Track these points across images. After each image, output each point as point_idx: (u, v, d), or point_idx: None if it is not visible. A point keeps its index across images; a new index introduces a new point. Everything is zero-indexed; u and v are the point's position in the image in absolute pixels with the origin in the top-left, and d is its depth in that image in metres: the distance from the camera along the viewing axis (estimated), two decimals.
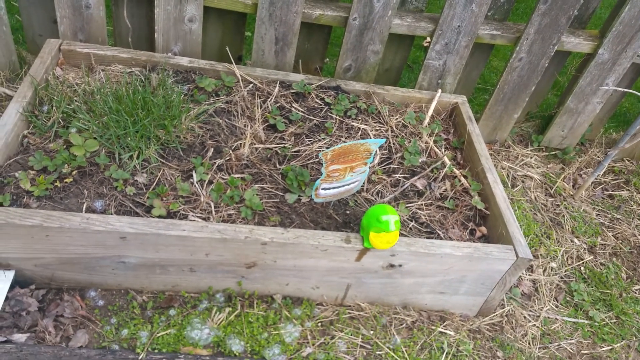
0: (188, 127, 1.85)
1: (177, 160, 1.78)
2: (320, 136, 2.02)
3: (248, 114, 2.00)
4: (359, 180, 1.76)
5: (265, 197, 1.76)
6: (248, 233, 1.56)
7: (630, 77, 2.61)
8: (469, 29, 2.23)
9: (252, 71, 2.14)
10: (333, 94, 2.20)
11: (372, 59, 2.30)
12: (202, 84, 2.02)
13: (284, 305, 1.78)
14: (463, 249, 1.70)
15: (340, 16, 2.17)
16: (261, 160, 1.87)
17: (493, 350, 1.89)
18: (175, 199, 1.66)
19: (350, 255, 1.65)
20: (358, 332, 1.80)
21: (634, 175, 2.79)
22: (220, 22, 2.23)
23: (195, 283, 1.70)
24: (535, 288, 2.14)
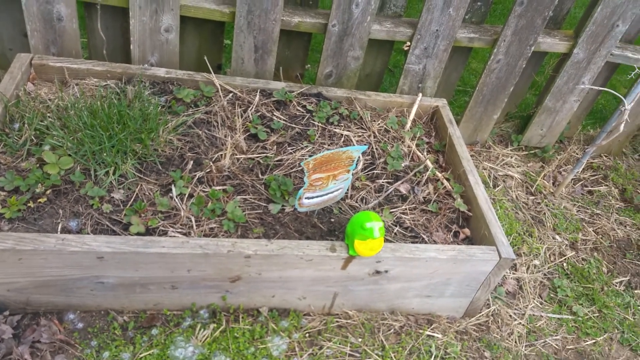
0: (166, 139, 1.73)
1: (156, 175, 1.66)
2: (302, 144, 1.91)
3: (228, 124, 1.89)
4: (343, 187, 1.65)
5: (248, 208, 1.64)
6: (231, 247, 1.45)
7: (605, 75, 2.53)
8: (447, 33, 2.13)
9: (231, 80, 2.02)
10: (315, 101, 2.09)
11: (352, 64, 2.20)
12: (180, 94, 1.90)
13: (271, 318, 1.67)
14: (447, 252, 1.62)
15: (320, 23, 2.07)
16: (243, 170, 1.75)
17: (480, 350, 1.81)
18: (154, 215, 1.53)
19: (335, 264, 1.55)
20: (346, 340, 1.70)
21: (611, 170, 2.73)
22: (198, 32, 2.11)
23: (178, 300, 1.58)
24: (520, 286, 2.06)
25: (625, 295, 2.13)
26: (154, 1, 1.88)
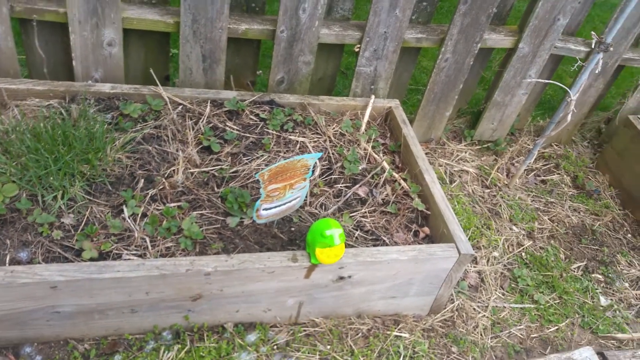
0: (115, 158, 1.69)
1: (106, 196, 1.62)
2: (258, 153, 1.91)
3: (179, 138, 1.86)
4: (300, 196, 1.66)
5: (205, 223, 1.63)
6: (189, 265, 1.43)
7: (551, 67, 2.64)
8: (395, 34, 2.17)
9: (180, 92, 2.00)
10: (267, 108, 2.09)
11: (304, 70, 2.21)
12: (127, 110, 1.86)
13: (236, 333, 1.66)
14: (408, 253, 1.65)
15: (268, 29, 2.07)
16: (198, 185, 1.74)
17: (447, 346, 1.86)
18: (107, 238, 1.50)
19: (298, 273, 1.56)
20: (315, 348, 1.71)
21: (562, 159, 2.84)
22: (143, 43, 2.07)
23: (139, 324, 1.55)
24: (481, 279, 2.13)
25: (584, 280, 2.23)
26: (94, 15, 1.84)
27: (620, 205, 2.65)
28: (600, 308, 2.14)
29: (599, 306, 2.15)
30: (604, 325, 2.07)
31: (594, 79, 2.62)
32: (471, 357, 1.84)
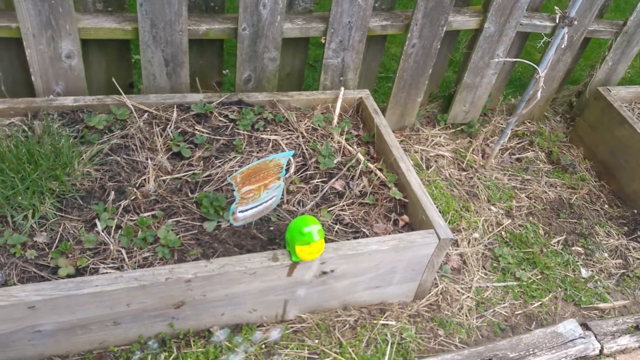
0: (83, 172, 1.70)
1: (78, 211, 1.63)
2: (230, 155, 1.92)
3: (148, 146, 1.87)
4: (276, 195, 1.69)
5: (181, 230, 1.64)
6: (168, 274, 1.45)
7: (518, 44, 2.69)
8: (360, 24, 2.20)
9: (145, 99, 2.00)
10: (236, 109, 2.10)
11: (270, 66, 2.23)
12: (92, 122, 1.86)
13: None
14: (388, 242, 1.69)
15: (229, 28, 2.08)
16: (171, 192, 1.75)
17: (434, 330, 1.91)
18: (82, 253, 1.51)
19: (280, 272, 1.59)
20: (303, 344, 1.74)
21: (536, 135, 2.91)
22: (103, 52, 2.06)
23: (123, 335, 1.57)
24: (463, 261, 2.18)
25: (564, 254, 2.29)
26: (48, 27, 1.83)
27: (595, 177, 2.73)
28: (582, 280, 2.22)
29: (581, 278, 2.22)
30: (586, 297, 2.14)
31: (561, 54, 2.68)
32: (458, 338, 1.89)
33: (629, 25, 2.69)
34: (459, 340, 1.89)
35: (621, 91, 2.82)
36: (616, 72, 2.90)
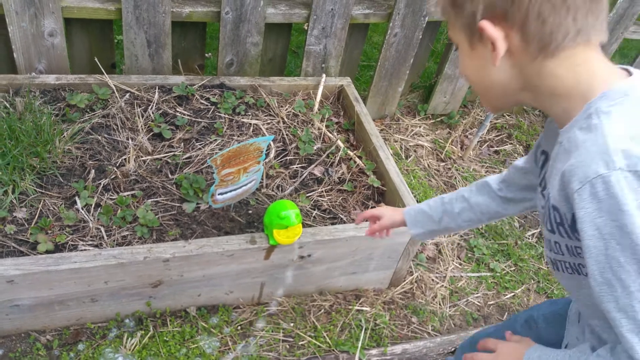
0: (64, 150, 1.75)
1: (58, 188, 1.68)
2: (211, 138, 1.99)
3: (129, 126, 1.93)
4: (255, 179, 1.76)
5: (161, 211, 1.71)
6: (147, 253, 1.52)
7: None
8: (342, 11, 2.27)
9: (127, 79, 2.05)
10: (218, 92, 2.16)
11: (252, 51, 2.29)
12: (74, 100, 1.91)
13: (200, 317, 1.76)
14: (366, 229, 1.76)
15: (212, 11, 2.13)
16: (151, 172, 1.81)
17: (408, 317, 2.00)
18: (62, 230, 1.57)
19: (258, 255, 1.66)
20: (278, 327, 1.82)
21: (514, 129, 3.02)
22: (86, 32, 2.11)
23: (101, 312, 1.63)
24: (439, 250, 2.28)
25: (538, 247, 2.41)
26: (31, 5, 1.87)
27: None
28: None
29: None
30: (558, 290, 2.26)
31: None
32: (431, 326, 1.99)
33: (608, 22, 2.81)
34: (432, 328, 1.99)
35: None
36: None
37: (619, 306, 0.73)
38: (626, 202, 0.69)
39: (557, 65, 0.79)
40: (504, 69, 0.82)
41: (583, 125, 0.77)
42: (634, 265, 0.70)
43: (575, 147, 0.76)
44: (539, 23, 0.75)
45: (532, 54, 0.79)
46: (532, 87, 0.83)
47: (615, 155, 0.70)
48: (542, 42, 0.77)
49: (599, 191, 0.71)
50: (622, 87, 0.76)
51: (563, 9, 0.74)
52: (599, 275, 0.74)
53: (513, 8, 0.76)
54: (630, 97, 0.75)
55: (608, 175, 0.70)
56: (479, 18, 0.79)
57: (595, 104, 0.76)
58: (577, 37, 0.76)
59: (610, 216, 0.70)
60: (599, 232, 0.72)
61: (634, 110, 0.74)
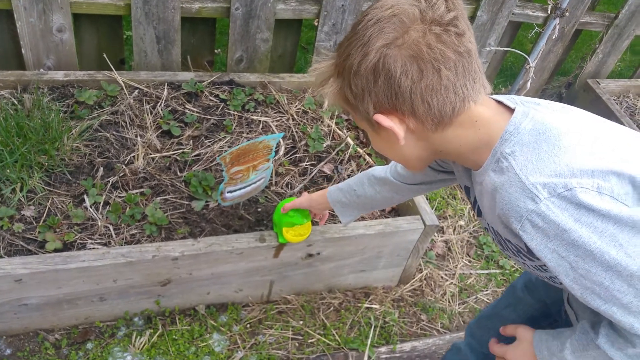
0: (72, 147, 1.70)
1: (66, 186, 1.63)
2: (220, 135, 1.93)
3: (138, 123, 1.87)
4: (265, 177, 1.70)
5: (169, 209, 1.66)
6: (155, 251, 1.47)
7: (510, 34, 2.71)
8: (353, 7, 2.20)
9: (135, 76, 2.00)
10: (227, 89, 2.10)
11: (262, 47, 2.23)
12: (82, 97, 1.86)
13: (209, 315, 1.71)
14: (375, 227, 1.72)
15: (222, 7, 2.07)
16: (160, 170, 1.76)
17: (417, 314, 1.95)
18: (70, 228, 1.52)
19: (267, 253, 1.61)
20: (287, 325, 1.78)
21: None
22: (95, 27, 2.05)
23: (109, 311, 1.59)
24: (448, 247, 2.22)
25: None
26: (39, 0, 1.81)
27: None
28: None
29: None
30: None
31: (552, 45, 2.71)
32: (440, 323, 1.94)
33: (620, 19, 2.72)
34: (441, 325, 1.94)
35: (610, 84, 2.86)
36: (606, 64, 2.94)
37: (604, 300, 0.79)
38: (564, 222, 0.75)
39: (456, 129, 0.85)
40: (411, 144, 0.89)
41: (495, 169, 0.83)
42: (598, 267, 0.76)
43: (495, 189, 0.83)
44: (426, 107, 0.81)
45: (430, 129, 0.85)
46: (442, 151, 0.91)
47: (534, 189, 0.77)
48: (435, 119, 0.83)
49: (537, 223, 0.77)
50: (512, 127, 0.83)
51: (442, 89, 0.80)
52: (576, 285, 0.80)
53: (398, 101, 0.82)
54: (521, 132, 0.82)
55: (538, 207, 0.77)
56: (372, 114, 0.85)
57: (500, 149, 0.83)
58: (464, 104, 0.82)
59: (558, 238, 0.77)
60: (557, 254, 0.78)
61: (528, 142, 0.81)
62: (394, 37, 0.79)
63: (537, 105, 0.86)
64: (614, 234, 0.75)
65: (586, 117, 0.89)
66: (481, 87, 0.84)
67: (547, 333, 0.99)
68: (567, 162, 0.77)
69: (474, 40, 0.83)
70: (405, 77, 0.79)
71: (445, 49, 0.78)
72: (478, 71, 0.83)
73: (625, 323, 0.79)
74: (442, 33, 0.78)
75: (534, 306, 1.30)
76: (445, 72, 0.79)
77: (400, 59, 0.79)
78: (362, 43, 0.81)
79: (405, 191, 1.29)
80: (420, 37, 0.78)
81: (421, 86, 0.80)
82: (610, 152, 0.80)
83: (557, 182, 0.76)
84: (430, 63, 0.78)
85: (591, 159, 0.77)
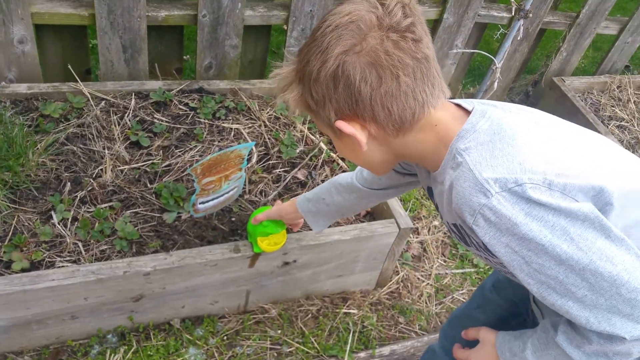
0: (38, 162, 1.64)
1: (33, 202, 1.57)
2: (190, 144, 1.89)
3: (105, 135, 1.82)
4: (238, 186, 1.67)
5: (140, 222, 1.61)
6: (126, 267, 1.43)
7: (477, 35, 2.73)
8: (322, 13, 2.19)
9: (102, 86, 1.94)
10: (197, 97, 2.06)
11: (232, 54, 2.19)
12: (47, 110, 1.79)
13: (184, 329, 1.67)
14: (350, 232, 1.71)
15: (189, 14, 2.03)
16: (129, 182, 1.71)
17: (395, 317, 1.95)
18: (38, 247, 1.47)
19: (242, 263, 1.58)
20: (265, 335, 1.75)
21: None
22: (58, 38, 1.99)
23: (81, 329, 1.54)
24: (424, 248, 2.22)
25: None
26: None
27: None
28: None
29: None
30: None
31: (518, 44, 2.74)
32: (418, 325, 1.94)
33: (582, 17, 2.77)
34: (419, 327, 1.94)
35: (575, 81, 2.91)
36: (570, 62, 2.99)
37: (560, 295, 0.79)
38: (515, 216, 0.76)
39: (417, 134, 0.86)
40: (373, 149, 0.89)
41: (452, 165, 0.84)
42: (551, 261, 0.77)
43: (451, 185, 0.84)
44: (386, 113, 0.82)
45: (392, 134, 0.85)
46: (405, 155, 0.92)
47: (486, 184, 0.78)
48: (395, 125, 0.84)
49: (489, 217, 0.78)
50: (469, 125, 0.83)
51: (401, 95, 0.80)
52: (532, 280, 0.80)
53: (359, 108, 0.82)
54: (477, 131, 0.82)
55: (489, 202, 0.77)
56: (333, 120, 0.85)
57: (455, 145, 0.84)
58: (423, 109, 0.83)
59: (509, 232, 0.77)
60: (510, 248, 0.79)
61: (484, 141, 0.81)
62: (352, 44, 0.78)
63: (494, 107, 0.87)
64: (565, 227, 0.75)
65: (542, 118, 0.90)
66: (440, 91, 0.85)
67: (510, 334, 1.00)
68: (520, 160, 0.78)
69: (431, 45, 0.83)
70: (365, 83, 0.79)
71: (403, 55, 0.79)
72: (437, 76, 0.84)
73: (581, 318, 0.79)
74: (399, 39, 0.78)
75: (502, 306, 1.31)
76: (403, 78, 0.79)
77: (359, 65, 0.79)
78: (320, 50, 0.80)
79: (373, 197, 1.29)
80: (378, 43, 0.78)
81: (381, 92, 0.80)
82: (561, 152, 0.82)
83: (509, 178, 0.77)
84: (389, 69, 0.79)
85: (544, 158, 0.79)
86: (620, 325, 0.78)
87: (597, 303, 0.78)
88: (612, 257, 0.76)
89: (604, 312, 0.78)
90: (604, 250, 0.76)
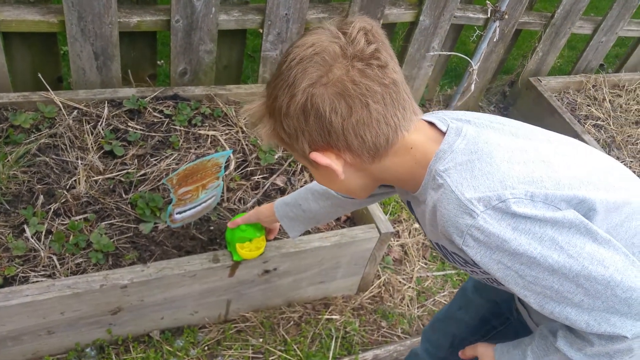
0: (9, 175, 1.62)
1: (4, 216, 1.56)
2: (166, 152, 1.89)
3: (78, 145, 1.81)
4: (215, 194, 1.68)
5: (116, 233, 1.61)
6: (103, 280, 1.42)
7: (453, 36, 2.78)
8: (297, 16, 2.21)
9: (74, 95, 1.93)
10: (172, 103, 2.06)
11: (206, 59, 2.20)
12: (18, 120, 1.78)
13: (164, 340, 1.67)
14: (331, 239, 1.73)
15: (162, 20, 2.03)
16: (103, 193, 1.71)
17: (377, 322, 1.97)
18: (11, 262, 1.46)
19: (221, 273, 1.59)
20: (247, 344, 1.76)
21: None
22: (27, 46, 1.97)
23: (59, 344, 1.53)
24: (405, 251, 2.26)
25: None
26: None
27: None
28: None
29: None
30: None
31: (494, 46, 2.79)
32: (400, 329, 1.97)
33: (557, 18, 2.84)
34: (401, 330, 1.97)
35: (551, 81, 2.98)
36: (546, 62, 3.06)
37: (557, 302, 0.82)
38: (503, 233, 0.78)
39: (393, 158, 0.88)
40: (351, 176, 0.91)
41: (433, 186, 0.86)
42: (545, 272, 0.79)
43: (434, 207, 0.85)
44: (360, 141, 0.83)
45: (368, 161, 0.87)
46: (383, 179, 0.94)
47: (470, 204, 0.80)
48: (370, 152, 0.85)
49: (478, 237, 0.80)
50: (446, 145, 0.85)
51: (373, 122, 0.82)
52: (528, 292, 0.83)
53: (332, 138, 0.83)
54: (454, 151, 0.84)
55: (476, 222, 0.79)
56: (308, 152, 0.87)
57: (434, 166, 0.85)
58: (397, 133, 0.85)
59: (500, 249, 0.80)
60: (502, 264, 0.81)
61: (462, 161, 0.83)
62: (319, 76, 0.79)
63: (468, 122, 0.89)
64: (553, 237, 0.78)
65: (517, 128, 0.92)
66: (412, 114, 0.86)
67: (507, 345, 1.01)
68: (500, 178, 0.80)
69: (398, 68, 0.84)
70: (335, 114, 0.80)
71: (371, 83, 0.80)
72: (407, 99, 0.85)
73: (581, 322, 0.81)
74: (365, 68, 0.79)
75: (484, 306, 1.34)
76: (373, 106, 0.81)
77: (328, 97, 0.80)
78: (287, 84, 0.81)
79: (349, 205, 1.31)
80: (344, 73, 0.79)
81: (352, 122, 0.81)
82: (540, 163, 0.84)
83: (492, 195, 0.79)
84: (358, 98, 0.80)
85: (523, 171, 0.81)
86: (620, 325, 0.80)
87: (595, 306, 0.80)
88: (602, 260, 0.78)
89: (602, 313, 0.80)
90: (594, 254, 0.78)
